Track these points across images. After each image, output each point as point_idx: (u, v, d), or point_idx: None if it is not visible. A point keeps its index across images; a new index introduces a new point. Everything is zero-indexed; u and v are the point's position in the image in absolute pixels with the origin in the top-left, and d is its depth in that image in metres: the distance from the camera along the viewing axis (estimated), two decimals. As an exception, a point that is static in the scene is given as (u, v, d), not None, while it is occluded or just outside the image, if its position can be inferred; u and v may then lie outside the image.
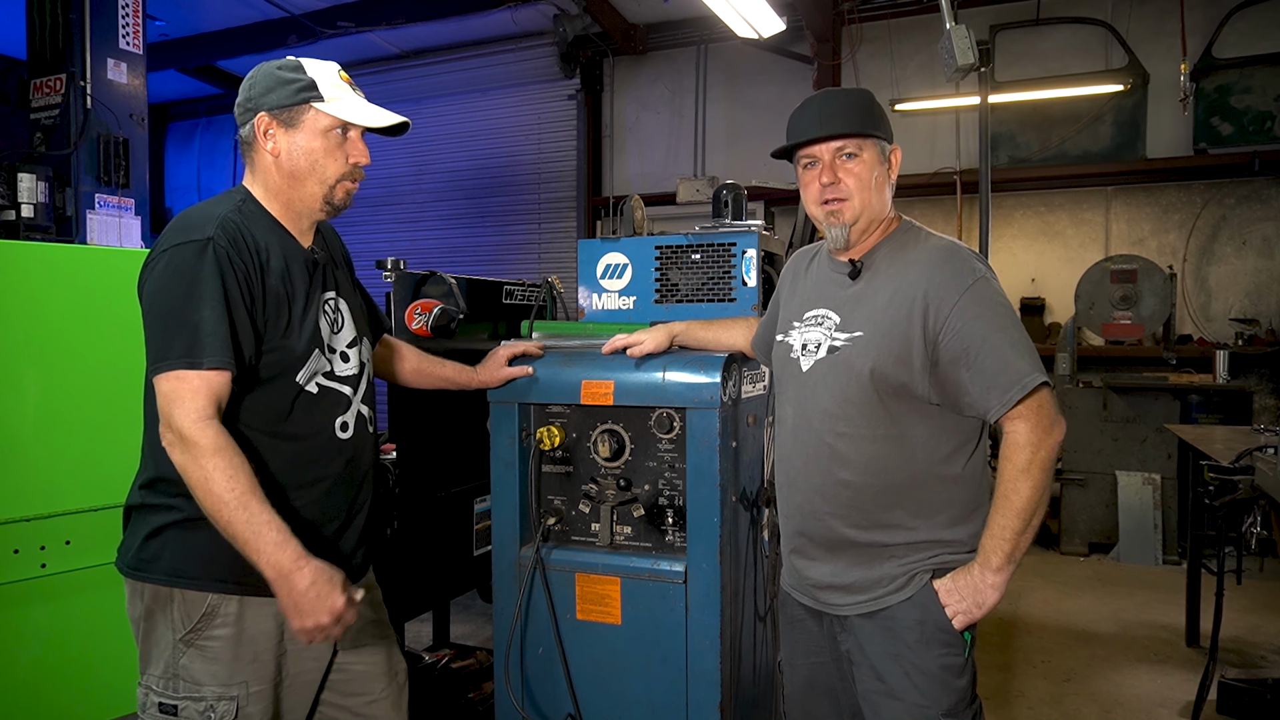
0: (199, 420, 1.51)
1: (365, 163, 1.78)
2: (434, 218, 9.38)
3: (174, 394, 1.53)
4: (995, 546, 1.68)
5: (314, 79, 1.70)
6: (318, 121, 1.71)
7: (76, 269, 2.49)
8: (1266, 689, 3.45)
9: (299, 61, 1.73)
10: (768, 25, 5.59)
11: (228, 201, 1.70)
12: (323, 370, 1.75)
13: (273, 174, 1.73)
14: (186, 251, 1.58)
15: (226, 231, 1.61)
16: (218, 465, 1.50)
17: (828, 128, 1.76)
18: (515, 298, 3.18)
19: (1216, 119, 6.59)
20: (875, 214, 1.81)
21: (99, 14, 5.10)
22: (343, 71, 1.75)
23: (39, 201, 4.88)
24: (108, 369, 2.50)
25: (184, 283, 1.57)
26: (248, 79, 1.73)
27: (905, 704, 1.74)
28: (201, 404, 1.52)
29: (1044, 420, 1.67)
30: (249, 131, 1.72)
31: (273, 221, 1.73)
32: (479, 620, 4.66)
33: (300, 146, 1.71)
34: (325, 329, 1.76)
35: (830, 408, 1.79)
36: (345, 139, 1.74)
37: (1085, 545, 6.05)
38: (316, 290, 1.76)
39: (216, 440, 1.51)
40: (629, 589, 2.18)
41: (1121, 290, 6.22)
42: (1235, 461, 3.23)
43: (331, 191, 1.75)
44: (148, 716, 1.65)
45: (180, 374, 1.53)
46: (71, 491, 2.46)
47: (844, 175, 1.77)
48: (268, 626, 1.68)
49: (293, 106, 1.69)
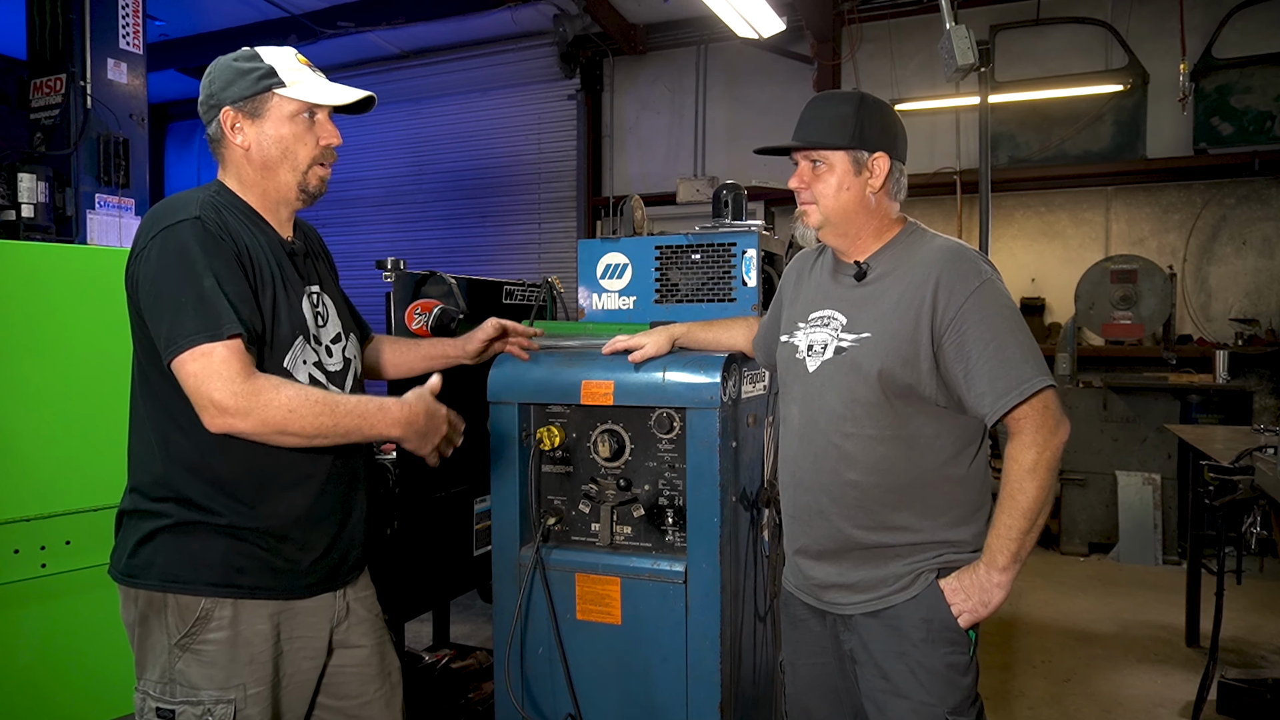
0: (242, 381, 1.49)
1: (337, 143, 1.76)
2: (434, 218, 9.38)
3: (205, 371, 1.49)
4: (1001, 546, 1.69)
5: (272, 65, 1.68)
6: (283, 107, 1.69)
7: (76, 269, 2.49)
8: (1266, 689, 3.44)
9: (255, 50, 1.70)
10: (768, 25, 5.59)
11: (202, 192, 1.69)
12: (311, 360, 1.73)
13: (245, 167, 1.71)
14: (178, 231, 1.56)
15: (208, 210, 1.61)
16: (281, 402, 1.51)
17: (797, 136, 1.84)
18: (515, 298, 3.18)
19: (1216, 119, 6.59)
20: (849, 222, 1.83)
21: (99, 14, 5.10)
22: (300, 55, 1.73)
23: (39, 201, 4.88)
24: (108, 369, 2.50)
25: (182, 261, 1.54)
26: (206, 75, 1.71)
27: (912, 702, 1.75)
28: (236, 368, 1.50)
29: (1049, 421, 1.68)
30: (216, 129, 1.70)
31: (250, 211, 1.71)
32: (479, 620, 4.66)
33: (269, 135, 1.69)
34: (310, 319, 1.74)
35: (838, 409, 1.79)
36: (313, 122, 1.72)
37: (1085, 545, 6.05)
38: (297, 279, 1.74)
39: (264, 386, 1.51)
40: (629, 589, 2.18)
41: (1121, 290, 6.22)
42: (1235, 461, 3.23)
43: (305, 178, 1.73)
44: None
45: (204, 349, 1.49)
46: (71, 491, 2.46)
47: (812, 182, 1.83)
48: (263, 628, 1.67)
49: (255, 96, 1.67)
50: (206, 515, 1.62)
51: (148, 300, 1.57)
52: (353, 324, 1.91)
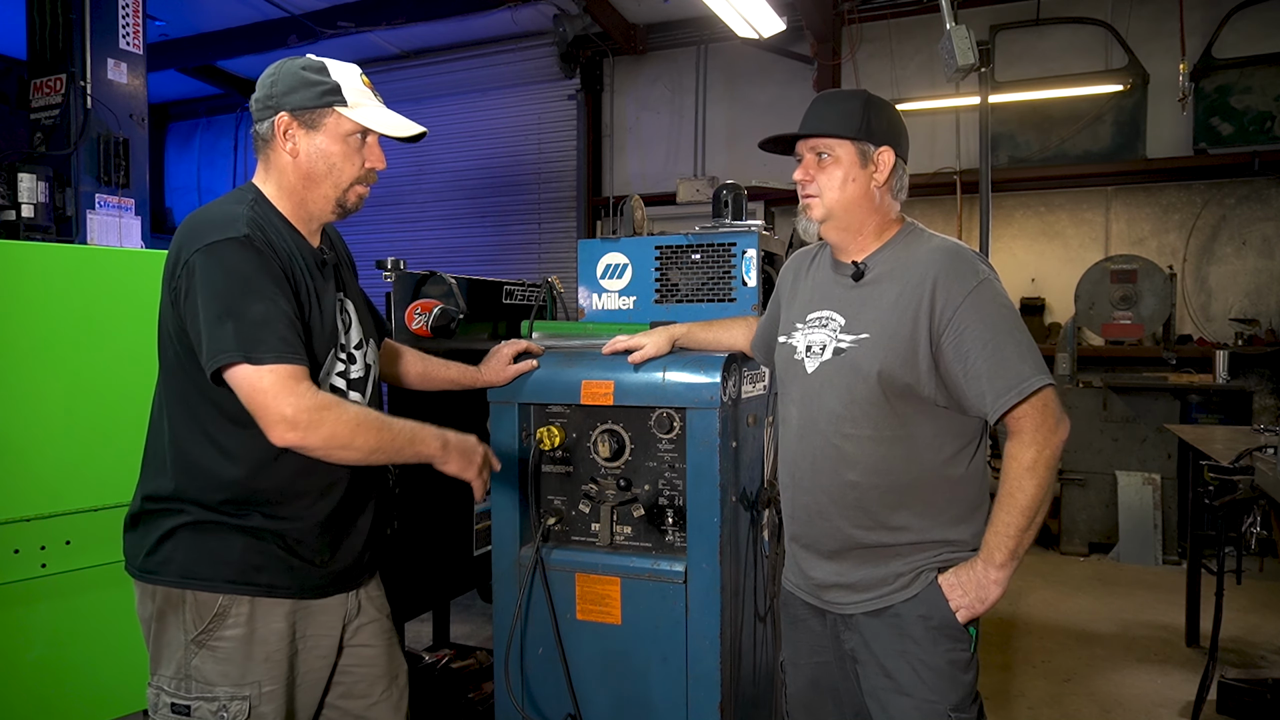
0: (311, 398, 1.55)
1: (381, 168, 1.78)
2: (434, 218, 9.38)
3: (279, 388, 1.53)
4: (999, 543, 1.70)
5: (338, 82, 1.69)
6: (340, 126, 1.70)
7: (76, 269, 2.49)
8: (1266, 689, 3.44)
9: (323, 63, 1.71)
10: (768, 25, 5.59)
11: (241, 202, 1.68)
12: (337, 371, 1.75)
13: (288, 174, 1.72)
14: (229, 249, 1.56)
15: (254, 228, 1.61)
16: (348, 419, 1.58)
17: (804, 127, 1.84)
18: (515, 298, 3.18)
19: (1216, 119, 6.59)
20: (853, 216, 1.83)
21: (99, 14, 5.10)
22: (364, 75, 1.74)
23: (39, 201, 4.88)
24: (108, 369, 2.49)
25: (243, 279, 1.55)
26: (269, 75, 1.71)
27: (914, 699, 1.75)
28: (306, 386, 1.56)
29: (1048, 420, 1.68)
30: (267, 129, 1.70)
31: (283, 221, 1.72)
32: (479, 620, 4.66)
33: (319, 149, 1.70)
34: (339, 329, 1.76)
35: (837, 409, 1.79)
36: (364, 143, 1.74)
37: (1085, 545, 6.05)
38: (330, 290, 1.76)
39: (330, 403, 1.58)
40: (629, 589, 2.18)
41: (1121, 290, 6.22)
42: (1235, 461, 3.23)
43: (345, 195, 1.75)
44: (159, 717, 1.65)
45: (277, 368, 1.53)
46: (71, 491, 2.45)
47: (817, 174, 1.83)
48: (279, 626, 1.68)
49: (315, 109, 1.69)
50: (227, 517, 1.64)
51: (207, 313, 1.54)
52: (373, 328, 1.93)
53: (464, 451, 1.82)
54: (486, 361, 2.27)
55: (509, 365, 2.25)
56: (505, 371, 2.25)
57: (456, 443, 1.81)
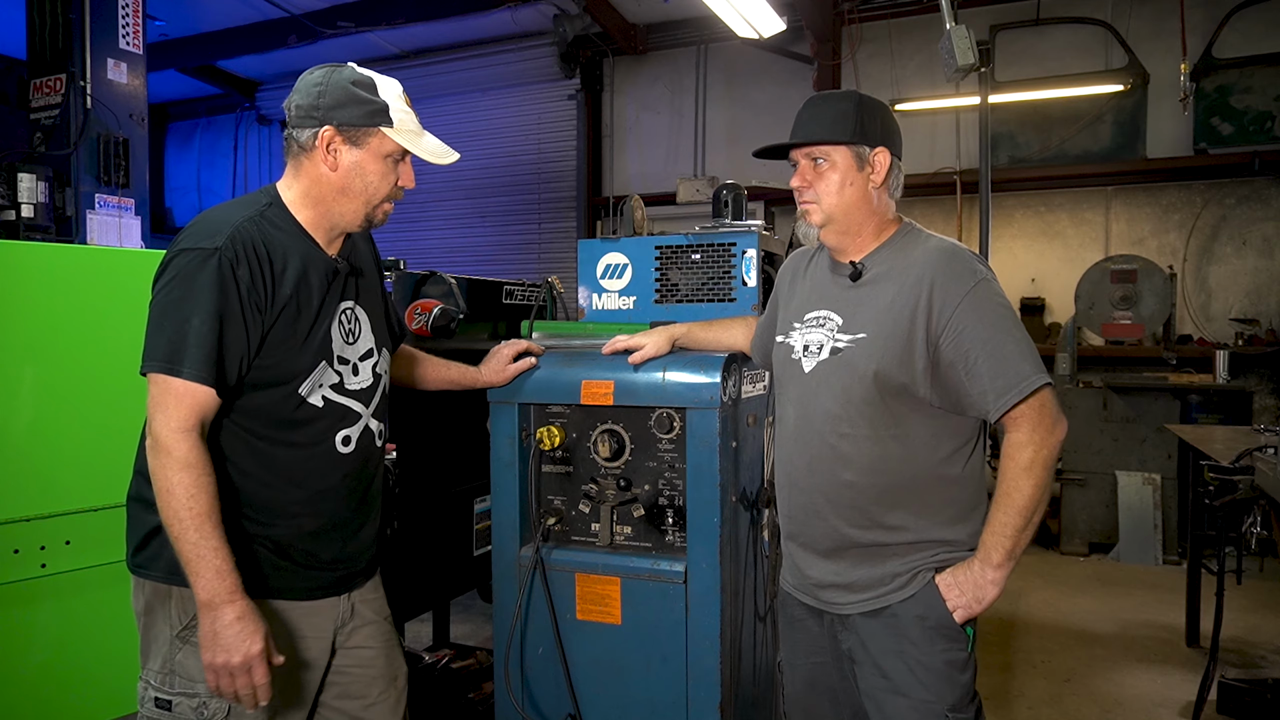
0: (177, 430, 1.53)
1: (411, 187, 1.80)
2: (434, 218, 9.38)
3: (159, 398, 1.55)
4: (996, 543, 1.70)
5: (386, 103, 1.70)
6: (383, 146, 1.71)
7: (76, 269, 2.49)
8: (1266, 689, 3.44)
9: (373, 80, 1.71)
10: (768, 25, 5.59)
11: (251, 206, 1.69)
12: (330, 383, 1.74)
13: (321, 184, 1.72)
14: (191, 259, 1.59)
15: (237, 241, 1.61)
16: (183, 480, 1.52)
17: (797, 135, 1.83)
18: (515, 298, 3.18)
19: (1216, 119, 6.59)
20: (852, 219, 1.83)
21: (99, 14, 5.10)
22: (405, 93, 1.75)
23: (39, 201, 4.88)
24: (108, 369, 2.49)
25: (181, 288, 1.57)
26: (315, 84, 1.69)
27: (911, 700, 1.75)
28: (184, 414, 1.54)
29: (1046, 420, 1.68)
30: (309, 139, 1.69)
31: (297, 229, 1.72)
32: (479, 620, 4.66)
33: (358, 165, 1.71)
34: (338, 340, 1.76)
35: (833, 409, 1.79)
36: (399, 163, 1.76)
37: (1085, 545, 6.05)
38: (334, 300, 1.76)
39: (188, 455, 1.53)
40: (629, 589, 2.18)
41: (1121, 290, 6.22)
42: (1235, 461, 3.23)
43: (374, 210, 1.77)
44: (145, 710, 1.67)
45: (164, 379, 1.54)
46: (71, 491, 2.45)
47: (815, 180, 1.82)
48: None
49: (362, 128, 1.69)
50: None
51: (151, 315, 1.61)
52: (386, 336, 1.93)
53: (231, 636, 1.51)
54: (486, 361, 2.27)
55: (509, 365, 2.25)
56: (505, 371, 2.25)
57: (232, 619, 1.51)
